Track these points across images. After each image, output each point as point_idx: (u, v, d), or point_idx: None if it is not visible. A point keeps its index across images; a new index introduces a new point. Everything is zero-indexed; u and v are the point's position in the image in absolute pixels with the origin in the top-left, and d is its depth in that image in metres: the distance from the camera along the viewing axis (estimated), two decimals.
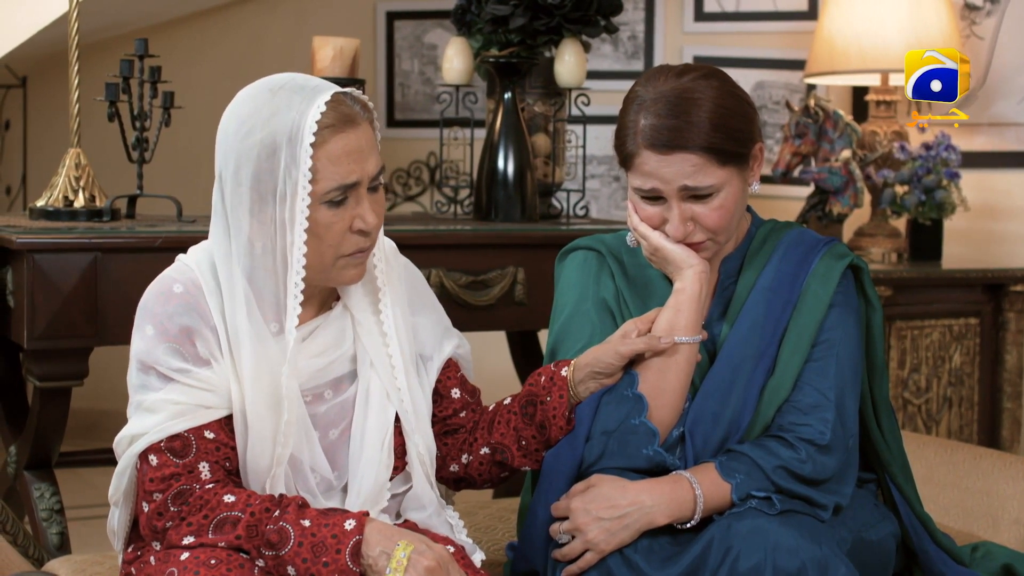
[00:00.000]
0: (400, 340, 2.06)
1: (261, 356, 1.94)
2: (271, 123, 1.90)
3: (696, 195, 2.07)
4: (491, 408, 2.20)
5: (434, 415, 2.15)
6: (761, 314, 2.14)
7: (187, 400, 1.92)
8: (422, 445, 2.07)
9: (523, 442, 2.14)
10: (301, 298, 1.93)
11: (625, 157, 2.10)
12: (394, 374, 2.05)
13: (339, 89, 1.95)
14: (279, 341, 1.96)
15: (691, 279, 2.11)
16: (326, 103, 1.90)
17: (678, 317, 2.10)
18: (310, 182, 1.89)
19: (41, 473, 2.99)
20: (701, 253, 2.12)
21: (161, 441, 1.91)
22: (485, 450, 2.16)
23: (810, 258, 2.18)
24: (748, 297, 2.16)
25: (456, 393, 2.18)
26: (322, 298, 2.06)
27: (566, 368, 2.12)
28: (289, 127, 1.89)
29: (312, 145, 1.88)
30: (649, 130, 2.05)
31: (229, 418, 1.95)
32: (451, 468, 2.19)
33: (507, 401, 2.18)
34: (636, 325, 2.11)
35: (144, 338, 1.95)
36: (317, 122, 1.89)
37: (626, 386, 2.10)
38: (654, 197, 2.09)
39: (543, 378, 2.14)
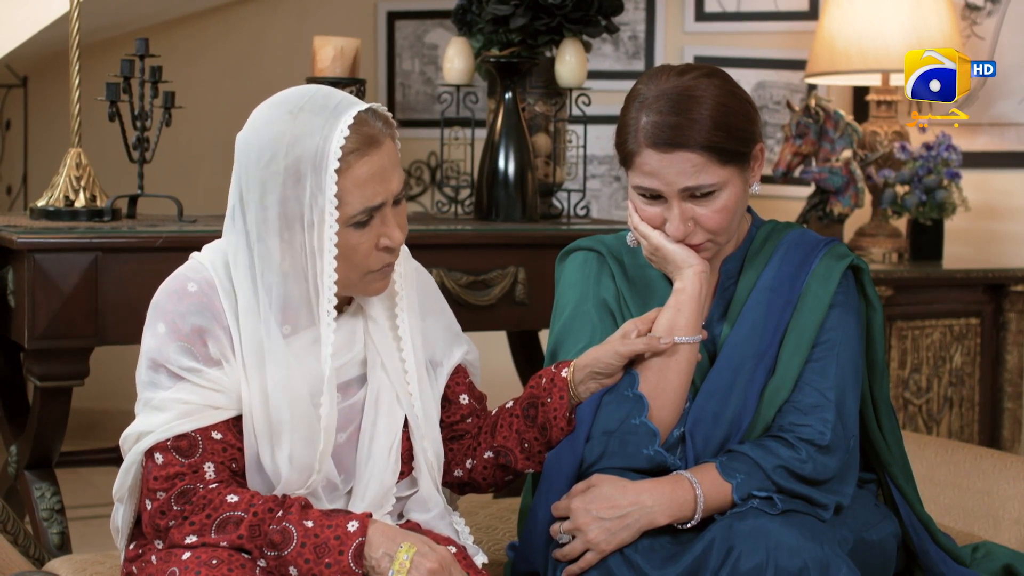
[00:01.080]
0: (413, 344, 2.06)
1: (288, 378, 1.94)
2: (295, 150, 1.88)
3: (697, 195, 2.07)
4: (494, 412, 2.20)
5: (441, 421, 2.15)
6: (761, 314, 2.14)
7: (196, 400, 1.92)
8: (431, 450, 2.07)
9: (526, 444, 2.14)
10: (334, 326, 1.94)
11: (626, 156, 2.10)
12: (406, 379, 2.05)
13: (361, 107, 1.92)
14: (289, 343, 1.95)
15: (691, 279, 2.11)
16: (349, 126, 1.88)
17: (678, 317, 2.10)
18: (336, 208, 1.88)
19: (42, 473, 2.99)
20: (701, 253, 2.12)
21: (168, 440, 1.91)
22: (489, 454, 2.16)
23: (810, 259, 2.18)
24: (748, 297, 2.16)
25: (464, 399, 2.18)
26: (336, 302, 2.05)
27: (566, 369, 2.12)
28: (313, 154, 1.87)
29: (337, 171, 1.87)
30: (651, 128, 2.05)
31: (237, 419, 1.95)
32: (455, 473, 2.19)
33: (509, 404, 2.18)
34: (636, 325, 2.10)
35: (156, 336, 1.94)
36: (341, 147, 1.87)
37: (626, 386, 2.10)
38: (655, 197, 2.09)
39: (544, 380, 2.14)
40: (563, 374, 2.12)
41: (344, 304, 2.06)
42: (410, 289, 2.09)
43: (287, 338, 1.95)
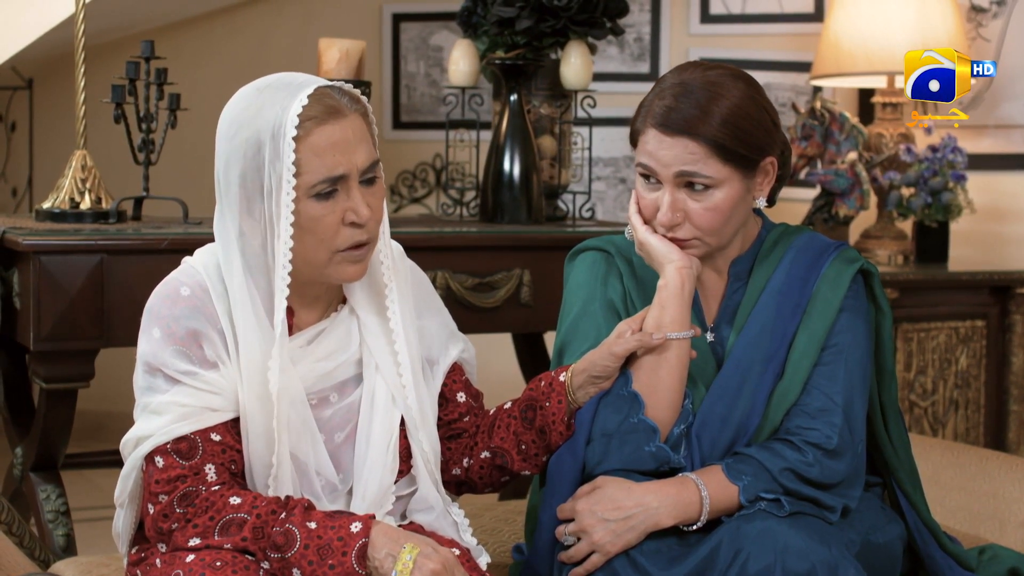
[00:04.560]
0: (408, 340, 2.06)
1: (261, 355, 1.93)
2: (256, 121, 1.90)
3: (692, 185, 2.06)
4: (491, 412, 2.20)
5: (439, 419, 2.15)
6: (771, 317, 2.14)
7: (193, 402, 1.92)
8: (427, 444, 2.07)
9: (523, 446, 2.14)
10: (287, 292, 1.92)
11: (633, 133, 2.12)
12: (399, 371, 2.05)
13: (325, 83, 1.94)
14: (284, 344, 1.96)
15: (672, 275, 2.10)
16: (309, 96, 1.90)
17: (663, 314, 2.09)
18: (295, 175, 1.88)
19: (47, 475, 2.99)
20: (689, 251, 2.11)
21: (167, 443, 1.91)
22: (485, 454, 2.16)
23: (820, 262, 2.17)
24: (758, 300, 2.16)
25: (461, 397, 2.18)
26: (328, 300, 2.05)
27: (564, 374, 2.12)
28: (272, 123, 1.89)
29: (295, 139, 1.88)
30: (661, 110, 2.06)
31: (235, 421, 1.95)
32: (453, 471, 2.19)
33: (507, 405, 2.18)
34: (629, 325, 2.11)
35: (151, 340, 1.95)
36: (299, 115, 1.88)
37: (621, 386, 2.09)
38: (654, 180, 2.09)
39: (542, 383, 2.14)
40: (561, 379, 2.12)
41: (338, 303, 2.07)
42: (403, 285, 2.09)
43: (281, 338, 1.96)
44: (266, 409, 1.93)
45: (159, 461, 1.91)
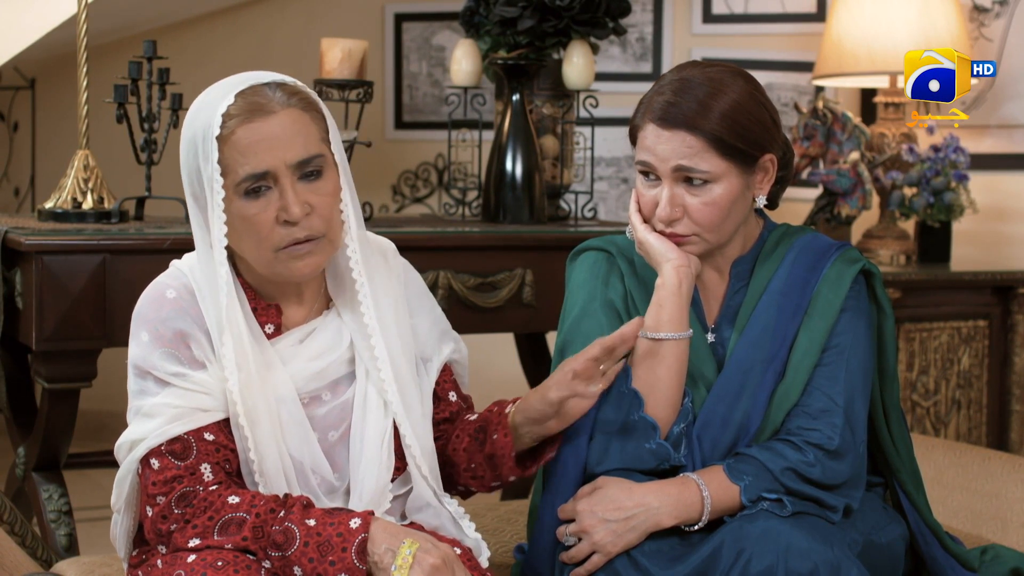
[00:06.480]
0: (387, 337, 2.04)
1: (235, 354, 1.94)
2: (195, 123, 1.93)
3: (690, 179, 2.06)
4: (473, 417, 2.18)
5: (433, 417, 2.14)
6: (772, 318, 2.14)
7: (184, 403, 1.92)
8: (411, 439, 2.04)
9: (472, 465, 2.11)
10: (228, 291, 1.92)
11: (632, 130, 2.12)
12: (377, 365, 2.03)
13: (268, 80, 1.94)
14: (273, 343, 1.96)
15: (670, 274, 2.10)
16: (236, 95, 1.90)
17: (661, 313, 2.09)
18: (221, 175, 1.89)
19: (49, 474, 2.99)
20: (687, 248, 2.11)
21: (161, 445, 1.91)
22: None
23: (822, 263, 2.17)
24: (759, 301, 2.16)
25: (453, 396, 2.17)
26: (315, 299, 2.05)
27: (511, 406, 2.09)
28: (204, 124, 1.90)
29: (218, 138, 1.89)
30: (660, 105, 2.06)
31: (228, 420, 1.95)
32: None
33: (472, 417, 2.16)
34: (571, 365, 2.01)
35: (140, 344, 1.96)
36: (223, 115, 1.89)
37: (621, 382, 2.09)
38: (653, 177, 2.09)
39: (495, 409, 2.11)
40: (507, 411, 2.08)
41: (330, 302, 2.07)
42: (393, 282, 2.08)
43: (271, 338, 1.96)
44: (266, 414, 1.94)
45: (154, 463, 1.91)
